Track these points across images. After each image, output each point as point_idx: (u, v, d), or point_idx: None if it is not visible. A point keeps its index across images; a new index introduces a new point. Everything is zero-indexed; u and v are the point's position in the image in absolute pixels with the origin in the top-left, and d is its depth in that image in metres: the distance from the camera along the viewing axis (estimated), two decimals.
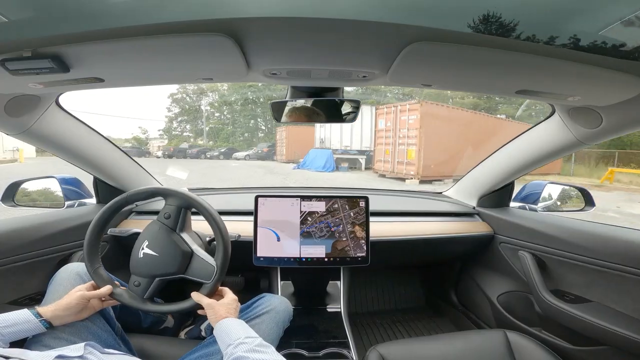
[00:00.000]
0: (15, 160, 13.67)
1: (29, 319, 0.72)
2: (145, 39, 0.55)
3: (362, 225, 1.21)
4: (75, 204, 1.33)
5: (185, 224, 0.90)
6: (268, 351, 0.69)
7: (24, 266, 1.02)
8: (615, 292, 1.03)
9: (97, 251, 0.89)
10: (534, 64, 0.61)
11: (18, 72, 0.61)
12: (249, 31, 0.54)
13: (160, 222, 0.88)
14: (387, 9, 0.49)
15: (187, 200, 0.88)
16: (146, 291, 0.86)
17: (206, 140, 27.29)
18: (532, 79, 0.70)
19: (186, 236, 0.88)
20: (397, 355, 0.93)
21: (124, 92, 64.01)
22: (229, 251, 0.86)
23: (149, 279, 0.85)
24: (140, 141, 29.54)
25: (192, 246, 0.87)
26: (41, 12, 0.49)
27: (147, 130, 34.99)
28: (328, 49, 0.62)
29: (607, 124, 0.87)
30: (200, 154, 20.45)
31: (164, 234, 0.86)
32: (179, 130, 30.44)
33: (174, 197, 0.89)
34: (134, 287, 0.86)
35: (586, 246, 1.07)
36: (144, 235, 0.88)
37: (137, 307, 0.86)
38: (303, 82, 0.85)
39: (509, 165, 1.32)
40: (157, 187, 0.92)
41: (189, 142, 26.71)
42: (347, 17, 0.50)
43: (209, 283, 0.83)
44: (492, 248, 1.45)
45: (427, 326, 1.73)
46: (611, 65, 0.60)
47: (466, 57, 0.60)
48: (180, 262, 0.85)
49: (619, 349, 0.96)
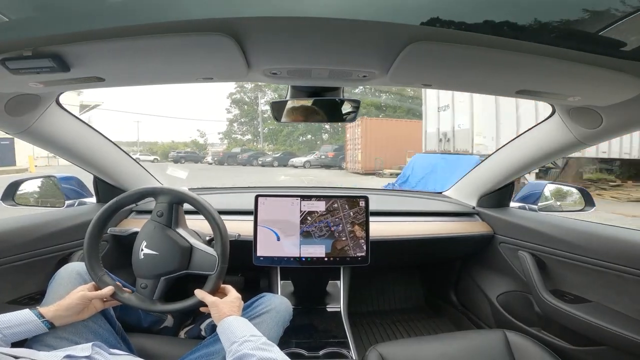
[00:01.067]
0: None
1: (31, 320, 0.72)
2: (145, 39, 0.55)
3: (362, 225, 1.21)
4: (75, 203, 1.33)
5: (180, 220, 0.90)
6: (273, 350, 0.69)
7: (24, 265, 1.02)
8: (614, 292, 1.03)
9: (98, 254, 0.88)
10: (534, 64, 0.61)
11: (18, 71, 0.61)
12: (249, 31, 0.54)
13: (154, 221, 0.88)
14: (387, 9, 0.49)
15: (176, 195, 0.89)
16: (154, 292, 0.86)
17: (263, 144, 25.01)
18: (532, 79, 0.70)
19: (182, 231, 0.88)
20: (397, 354, 0.93)
21: (184, 92, 62.68)
22: (226, 239, 0.86)
23: (155, 279, 0.86)
24: (199, 145, 28.17)
25: (190, 240, 0.87)
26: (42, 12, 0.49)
27: (205, 133, 32.75)
28: (328, 48, 0.62)
29: (607, 124, 0.87)
30: (252, 159, 18.55)
31: (160, 232, 0.86)
32: (239, 133, 28.72)
33: (163, 194, 0.89)
34: (142, 289, 0.86)
35: (586, 246, 1.07)
36: (141, 236, 0.88)
37: (148, 309, 0.86)
38: (303, 82, 0.85)
39: (509, 165, 1.32)
40: (145, 188, 0.92)
41: (249, 146, 24.56)
42: (347, 16, 0.50)
43: (214, 274, 0.83)
44: (492, 248, 1.46)
45: (427, 326, 1.73)
46: (611, 65, 0.60)
47: (466, 57, 0.60)
48: (180, 257, 0.85)
49: (618, 349, 0.96)
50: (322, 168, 16.81)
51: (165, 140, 34.56)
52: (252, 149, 22.38)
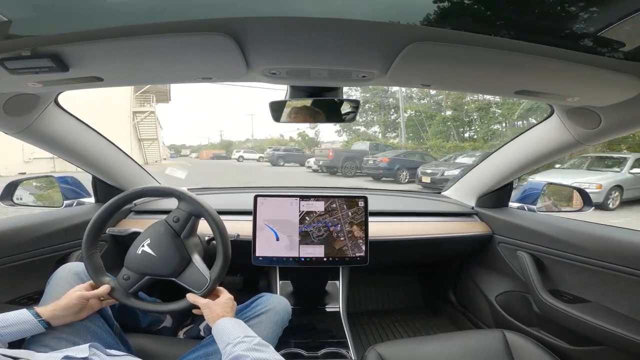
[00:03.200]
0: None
1: (28, 319, 0.71)
2: (144, 39, 0.55)
3: (360, 225, 1.21)
4: (74, 203, 1.33)
5: (192, 231, 0.90)
6: (267, 350, 0.69)
7: (21, 265, 1.02)
8: (612, 292, 1.03)
9: (97, 253, 0.88)
10: (534, 65, 0.61)
11: (17, 71, 0.61)
12: (248, 30, 0.54)
13: (167, 223, 0.88)
14: (386, 9, 0.50)
15: (200, 209, 0.87)
16: (132, 287, 0.86)
17: (403, 140, 15.63)
18: (531, 79, 0.70)
19: (189, 243, 0.88)
20: (396, 355, 0.93)
21: None
22: (225, 269, 0.86)
23: (140, 275, 0.85)
24: (308, 141, 21.62)
25: (192, 255, 0.87)
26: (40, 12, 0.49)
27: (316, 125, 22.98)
28: (327, 48, 0.62)
29: (605, 124, 0.87)
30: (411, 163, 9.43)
31: (167, 237, 0.86)
32: (362, 124, 19.10)
33: (188, 202, 0.88)
34: (122, 280, 0.86)
35: (584, 246, 1.08)
36: (147, 234, 0.88)
37: (120, 300, 0.85)
38: (302, 82, 0.85)
39: (508, 165, 1.32)
40: (174, 188, 0.90)
41: (381, 141, 15.98)
42: (347, 16, 0.50)
43: (198, 293, 0.83)
44: (491, 248, 1.46)
45: (426, 326, 1.73)
46: (610, 66, 0.60)
47: (466, 57, 0.60)
48: (175, 267, 0.85)
49: (617, 348, 0.97)
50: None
51: (274, 135, 30.50)
52: (393, 146, 13.60)
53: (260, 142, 30.81)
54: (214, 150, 33.88)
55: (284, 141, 24.42)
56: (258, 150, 24.32)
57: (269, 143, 25.23)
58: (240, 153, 23.16)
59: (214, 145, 43.73)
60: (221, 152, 29.90)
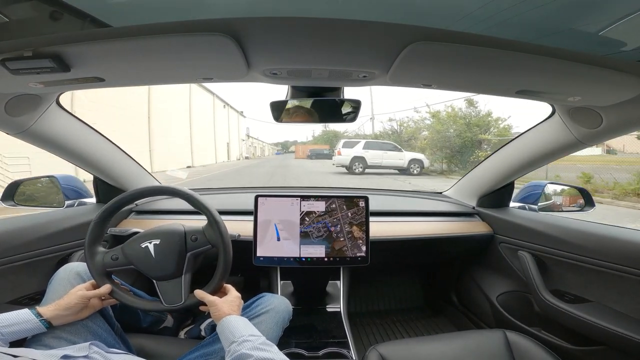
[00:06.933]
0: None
1: (29, 319, 0.72)
2: (145, 39, 0.55)
3: (360, 225, 1.20)
4: (75, 203, 1.33)
5: (201, 255, 0.89)
6: (272, 350, 0.69)
7: (23, 266, 1.02)
8: (614, 292, 1.03)
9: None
10: (535, 64, 0.61)
11: (19, 72, 0.61)
12: (249, 31, 0.54)
13: (184, 237, 0.87)
14: (387, 9, 0.49)
15: (220, 241, 0.86)
16: (113, 268, 0.86)
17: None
18: (532, 79, 0.70)
19: (190, 262, 0.87)
20: (397, 355, 0.93)
21: None
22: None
23: (127, 263, 0.85)
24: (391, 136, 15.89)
25: (185, 273, 0.86)
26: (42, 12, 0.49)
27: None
28: (328, 48, 0.62)
29: (607, 124, 0.87)
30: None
31: (176, 249, 0.86)
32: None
33: (215, 228, 0.86)
34: (110, 259, 0.85)
35: (586, 246, 1.08)
36: (159, 234, 0.87)
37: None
38: (303, 82, 0.85)
39: (509, 165, 1.32)
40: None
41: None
42: (347, 17, 0.50)
43: (177, 306, 0.84)
44: (492, 248, 1.46)
45: (427, 326, 1.73)
46: (611, 65, 0.60)
47: (466, 57, 0.60)
48: (163, 274, 0.85)
49: (618, 348, 0.96)
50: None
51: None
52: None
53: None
54: (314, 145, 25.47)
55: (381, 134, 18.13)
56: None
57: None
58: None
59: (316, 140, 34.40)
60: (323, 148, 22.19)
